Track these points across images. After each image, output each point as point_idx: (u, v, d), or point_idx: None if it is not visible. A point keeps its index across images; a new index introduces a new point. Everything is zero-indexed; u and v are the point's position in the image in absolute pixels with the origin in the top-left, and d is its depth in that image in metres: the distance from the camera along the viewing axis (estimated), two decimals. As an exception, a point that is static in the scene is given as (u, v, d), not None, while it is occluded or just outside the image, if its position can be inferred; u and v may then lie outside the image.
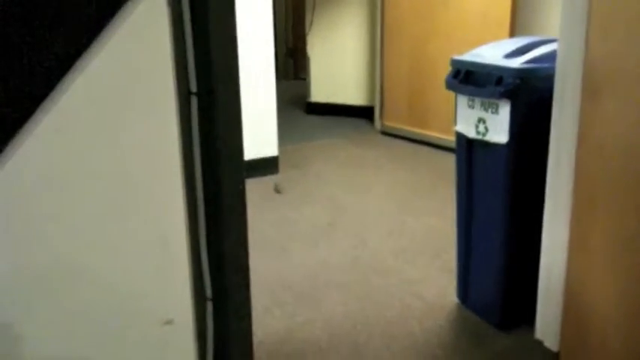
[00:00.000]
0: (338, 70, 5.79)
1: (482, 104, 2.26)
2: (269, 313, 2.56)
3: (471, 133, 2.33)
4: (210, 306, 1.43)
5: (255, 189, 3.99)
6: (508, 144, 2.19)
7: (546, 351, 2.27)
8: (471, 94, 2.28)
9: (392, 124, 5.25)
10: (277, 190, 3.92)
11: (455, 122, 2.43)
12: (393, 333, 2.43)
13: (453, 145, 2.54)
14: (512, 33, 4.27)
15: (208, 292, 1.43)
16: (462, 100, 2.35)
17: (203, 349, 1.43)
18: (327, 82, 5.85)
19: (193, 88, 1.31)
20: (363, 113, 5.68)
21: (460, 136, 2.43)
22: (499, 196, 2.32)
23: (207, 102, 1.32)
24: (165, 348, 1.43)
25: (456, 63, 2.37)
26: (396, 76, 5.16)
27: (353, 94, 5.78)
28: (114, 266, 1.34)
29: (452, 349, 2.35)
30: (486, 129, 2.26)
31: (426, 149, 4.84)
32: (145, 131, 1.27)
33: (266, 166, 4.19)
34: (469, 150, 2.40)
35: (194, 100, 1.30)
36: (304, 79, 6.09)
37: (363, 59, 5.68)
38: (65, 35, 1.16)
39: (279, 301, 2.65)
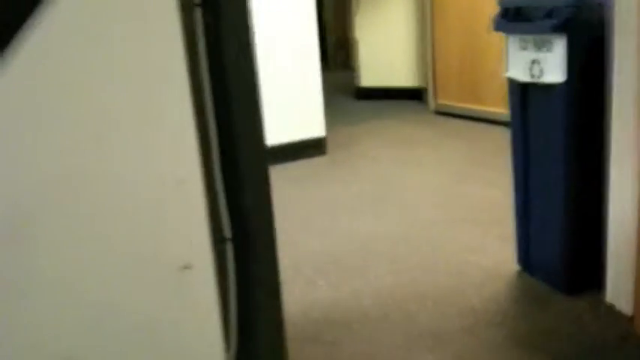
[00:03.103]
0: (387, 53, 5.62)
1: (535, 44, 2.05)
2: (313, 284, 2.42)
3: (524, 78, 2.13)
4: (230, 247, 1.30)
5: (302, 170, 3.86)
6: (566, 83, 1.98)
7: (619, 315, 2.04)
8: (522, 32, 2.08)
9: (445, 102, 5.04)
10: None
11: (506, 68, 2.23)
12: (447, 301, 2.24)
13: (509, 118, 2.34)
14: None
15: (227, 232, 1.29)
16: (513, 43, 2.15)
17: (225, 293, 1.30)
18: (376, 66, 5.68)
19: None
20: (414, 95, 5.49)
21: (513, 84, 2.23)
22: (557, 146, 2.11)
23: (212, 14, 1.19)
24: (184, 294, 1.30)
25: (504, 2, 2.18)
26: (446, 53, 4.96)
27: (403, 76, 5.59)
28: (121, 205, 1.22)
29: (513, 315, 2.15)
30: (541, 71, 2.06)
31: (481, 125, 4.61)
32: (147, 48, 1.15)
33: (313, 147, 4.06)
34: (523, 97, 2.20)
35: (198, 12, 1.17)
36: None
37: (411, 40, 5.49)
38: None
39: (324, 273, 2.50)
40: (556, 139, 2.11)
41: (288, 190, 3.52)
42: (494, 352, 1.94)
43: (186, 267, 1.31)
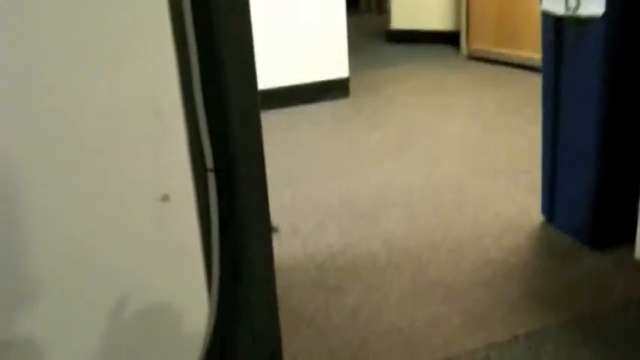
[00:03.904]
0: (420, -7, 5.35)
1: (574, -29, 1.85)
2: (322, 228, 2.30)
3: (560, 10, 1.93)
4: (212, 178, 1.17)
5: (323, 112, 3.71)
6: (605, 16, 1.79)
7: (649, 273, 1.88)
8: (558, -43, 1.87)
9: (479, 46, 4.79)
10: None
11: (540, 0, 2.02)
12: (463, 251, 2.10)
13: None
14: None
15: (209, 162, 1.17)
16: (549, -29, 1.95)
17: (207, 226, 1.18)
18: (408, 7, 5.42)
19: None
20: (447, 39, 5.23)
21: (547, 18, 2.03)
22: (592, 89, 1.92)
23: None
24: (163, 227, 1.19)
25: None
26: (483, -6, 4.67)
27: (436, 19, 5.32)
28: (96, 135, 1.10)
29: (533, 269, 2.00)
30: (578, 2, 1.85)
31: (515, 71, 4.36)
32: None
33: (336, 89, 3.89)
34: (557, 34, 2.00)
35: None
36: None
37: (447, -20, 5.20)
38: None
39: (335, 217, 2.38)
40: (591, 80, 1.92)
41: (307, 133, 3.37)
42: (509, 308, 1.80)
43: (165, 198, 1.19)
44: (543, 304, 1.81)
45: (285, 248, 2.15)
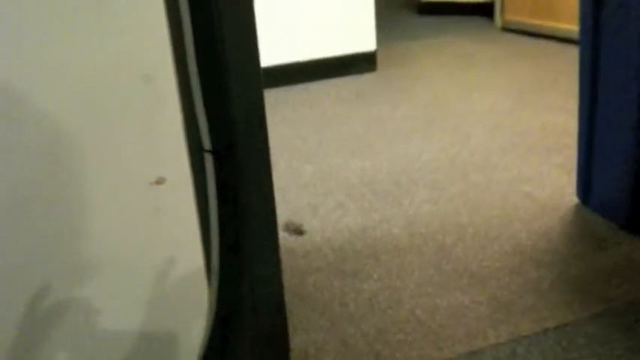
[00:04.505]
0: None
1: None
2: (342, 208, 2.19)
3: (598, -25, 1.77)
4: (209, 159, 1.07)
5: (349, 86, 3.58)
6: (650, -20, 1.62)
7: (692, 261, 1.74)
8: None
9: (514, 18, 4.58)
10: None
11: (578, -36, 1.86)
12: (490, 235, 1.98)
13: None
14: None
15: (206, 142, 1.07)
16: None
17: (206, 211, 1.09)
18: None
19: None
20: (481, 10, 5.03)
21: (585, -16, 1.87)
22: (632, 59, 1.76)
23: None
24: (159, 211, 1.10)
25: None
26: (519, -38, 4.46)
27: (470, -11, 5.12)
28: (77, 102, 1.01)
29: (565, 255, 1.87)
30: (620, -35, 1.69)
31: (552, 44, 4.16)
32: None
33: (362, 63, 3.75)
34: (596, 1, 1.84)
35: None
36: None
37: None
38: None
39: (356, 197, 2.27)
40: (631, 52, 1.76)
41: (332, 108, 3.26)
42: (538, 297, 1.68)
43: (159, 181, 1.10)
44: (575, 294, 1.68)
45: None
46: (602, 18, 1.84)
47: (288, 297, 1.76)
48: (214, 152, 1.09)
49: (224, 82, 1.07)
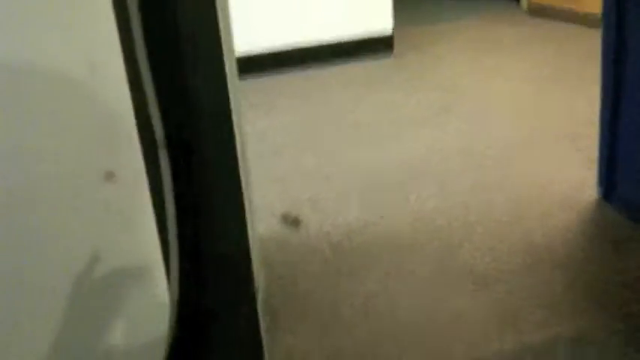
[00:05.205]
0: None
1: None
2: (344, 201, 2.06)
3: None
4: (163, 153, 0.95)
5: (363, 71, 3.43)
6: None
7: None
8: None
9: (541, 0, 4.37)
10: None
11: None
12: (501, 233, 1.84)
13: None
14: None
15: (159, 134, 0.95)
16: None
17: (162, 210, 0.97)
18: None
19: None
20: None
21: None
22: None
23: None
24: (108, 209, 0.99)
25: None
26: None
27: (495, -30, 4.90)
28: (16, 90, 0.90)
29: (579, 257, 1.73)
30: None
31: (579, 28, 3.95)
32: None
33: (378, 46, 3.59)
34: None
35: None
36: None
37: None
38: None
39: (360, 189, 2.14)
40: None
41: (343, 93, 3.11)
42: (550, 303, 1.54)
43: (109, 176, 0.99)
44: (590, 302, 1.54)
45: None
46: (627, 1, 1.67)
47: (278, 297, 1.65)
48: (169, 146, 0.97)
49: (179, 73, 0.94)
